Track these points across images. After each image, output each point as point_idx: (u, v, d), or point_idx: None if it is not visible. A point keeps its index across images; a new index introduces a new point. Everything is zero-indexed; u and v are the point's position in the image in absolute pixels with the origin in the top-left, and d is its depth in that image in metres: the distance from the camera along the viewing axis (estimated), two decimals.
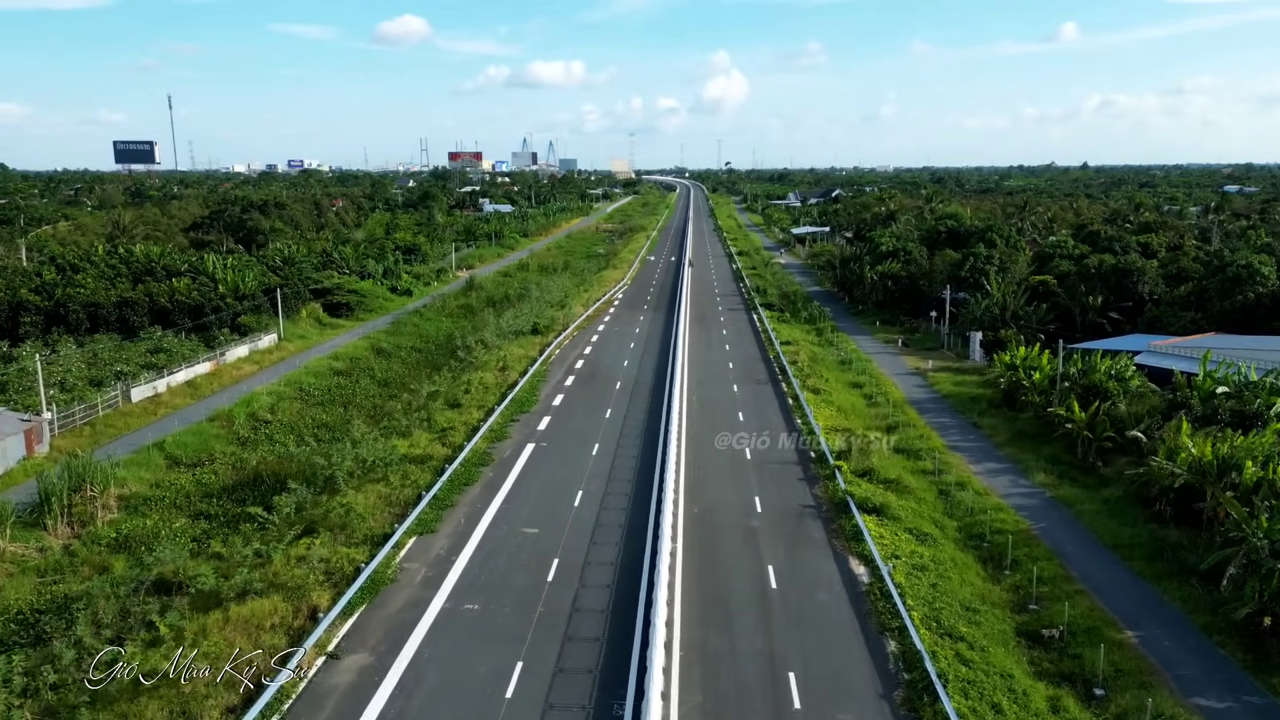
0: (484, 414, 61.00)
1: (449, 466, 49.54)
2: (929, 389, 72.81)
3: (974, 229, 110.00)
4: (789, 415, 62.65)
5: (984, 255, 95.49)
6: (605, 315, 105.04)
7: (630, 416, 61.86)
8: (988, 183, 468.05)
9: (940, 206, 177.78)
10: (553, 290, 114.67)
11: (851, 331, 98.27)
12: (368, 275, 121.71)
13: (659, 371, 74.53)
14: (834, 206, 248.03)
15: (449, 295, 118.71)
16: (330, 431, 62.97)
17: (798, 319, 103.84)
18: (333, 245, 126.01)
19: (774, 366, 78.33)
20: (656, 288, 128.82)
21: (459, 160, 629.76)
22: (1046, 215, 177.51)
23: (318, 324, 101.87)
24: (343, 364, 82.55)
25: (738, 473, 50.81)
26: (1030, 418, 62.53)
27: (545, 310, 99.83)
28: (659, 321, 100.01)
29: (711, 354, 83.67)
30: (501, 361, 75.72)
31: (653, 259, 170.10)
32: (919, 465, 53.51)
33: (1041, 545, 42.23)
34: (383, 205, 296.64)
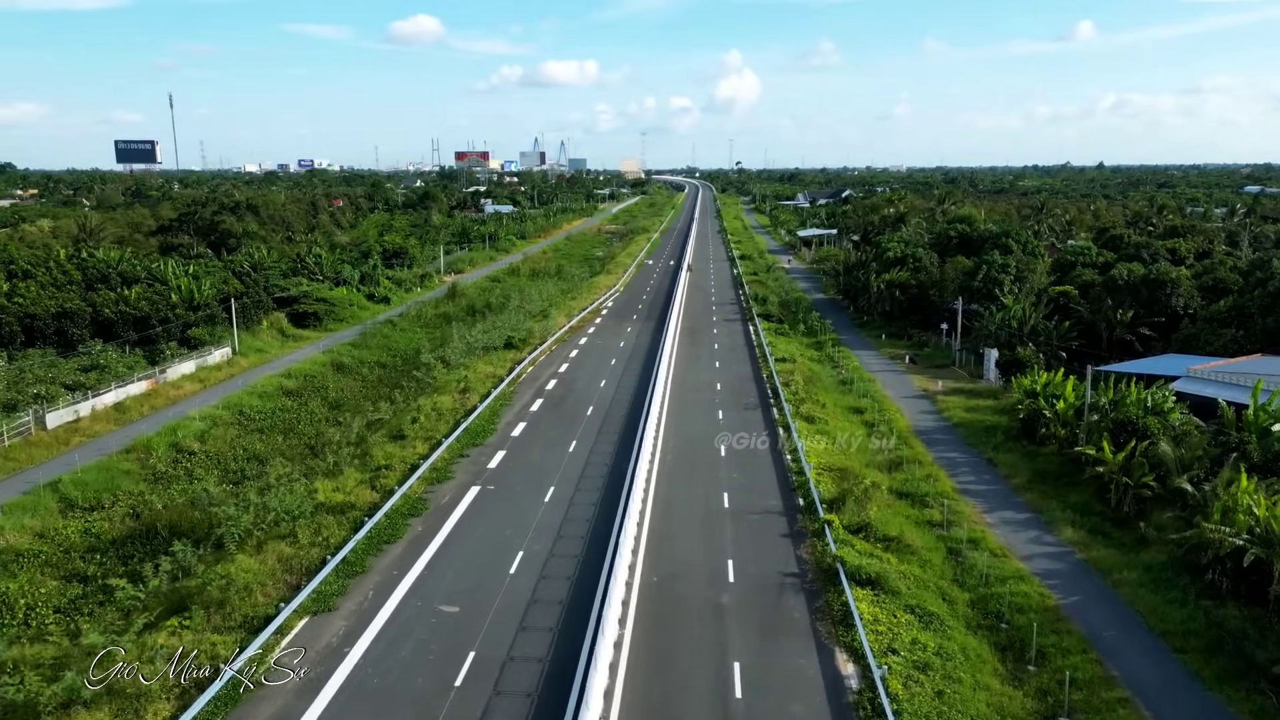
0: (430, 448, 53.66)
1: (372, 518, 42.20)
2: (938, 416, 65.11)
3: (988, 234, 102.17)
4: (777, 450, 55.05)
5: (999, 263, 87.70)
6: (589, 327, 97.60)
7: (597, 451, 54.36)
8: (1002, 183, 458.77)
9: (953, 208, 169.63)
10: (535, 299, 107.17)
11: (855, 345, 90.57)
12: (343, 281, 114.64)
13: (638, 395, 67.06)
14: (843, 208, 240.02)
15: (428, 303, 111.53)
16: (262, 465, 55.84)
17: (797, 331, 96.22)
18: (308, 250, 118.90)
19: (766, 389, 70.76)
20: (650, 295, 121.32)
21: (466, 160, 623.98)
22: (1065, 218, 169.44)
23: (280, 336, 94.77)
24: (295, 382, 75.35)
25: (711, 526, 43.29)
26: (1053, 454, 54.82)
27: (524, 322, 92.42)
28: (647, 334, 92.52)
29: (699, 373, 76.14)
30: (464, 382, 68.35)
31: (650, 263, 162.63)
32: (924, 515, 45.89)
33: (1073, 630, 34.57)
34: (382, 206, 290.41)
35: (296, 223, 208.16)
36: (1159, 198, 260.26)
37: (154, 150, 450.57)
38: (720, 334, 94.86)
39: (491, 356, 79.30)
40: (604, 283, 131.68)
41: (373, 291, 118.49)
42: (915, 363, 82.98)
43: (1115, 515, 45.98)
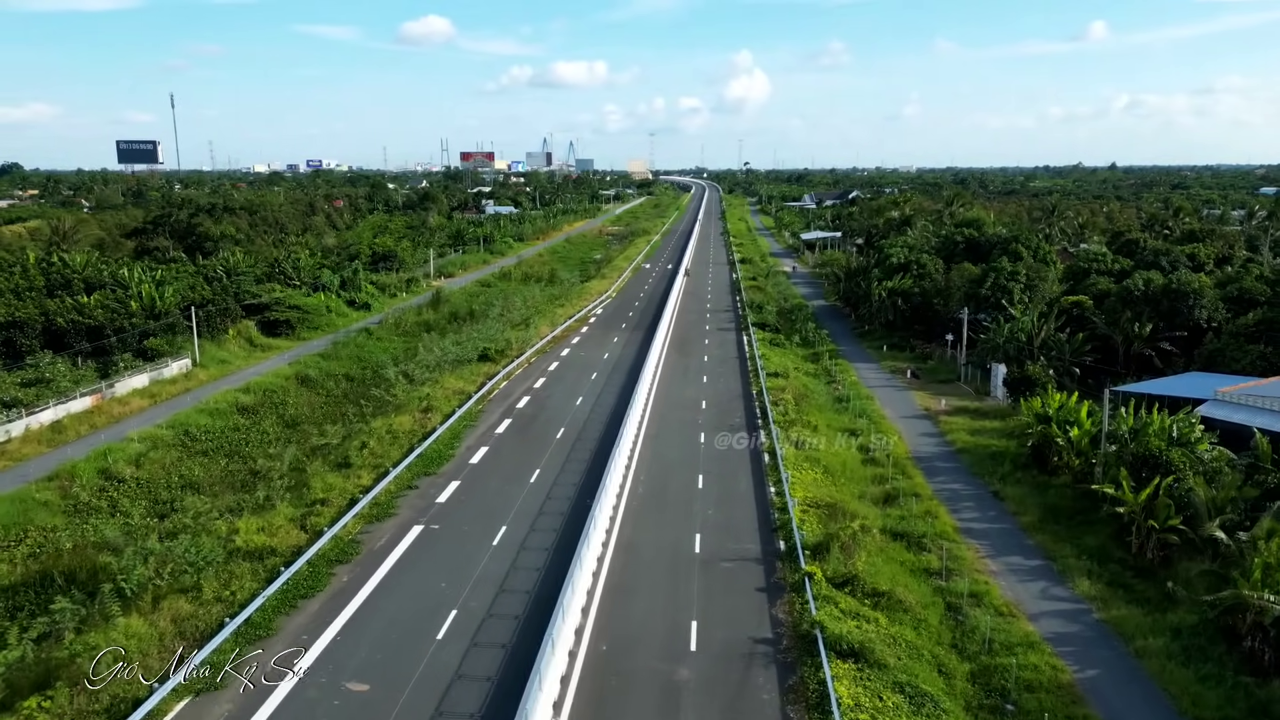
0: (376, 478, 48.65)
1: (291, 567, 37.19)
2: (940, 439, 59.81)
3: (996, 239, 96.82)
4: (761, 481, 49.88)
5: (1008, 271, 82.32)
6: (574, 337, 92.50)
7: (561, 482, 49.26)
8: (1013, 183, 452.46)
9: (961, 210, 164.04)
10: (519, 307, 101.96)
11: (854, 358, 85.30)
12: (321, 287, 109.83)
13: (615, 414, 61.89)
14: (849, 209, 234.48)
15: (410, 310, 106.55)
16: (197, 494, 50.93)
17: (793, 342, 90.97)
18: (287, 254, 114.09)
19: (755, 407, 65.59)
20: (643, 302, 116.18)
21: (471, 160, 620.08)
22: (1077, 220, 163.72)
23: (248, 345, 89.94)
24: (252, 398, 70.39)
25: (678, 576, 38.17)
26: (1066, 486, 49.55)
27: (503, 332, 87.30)
28: (634, 345, 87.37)
29: (685, 389, 70.99)
30: (426, 400, 63.31)
31: (648, 267, 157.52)
32: (921, 561, 40.69)
33: (1091, 716, 29.36)
34: (382, 207, 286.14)
35: (291, 224, 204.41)
36: (1174, 199, 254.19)
37: (155, 150, 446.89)
38: (712, 344, 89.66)
39: (464, 370, 74.28)
40: (596, 288, 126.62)
41: (353, 297, 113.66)
42: (917, 378, 77.70)
43: (1137, 563, 40.72)
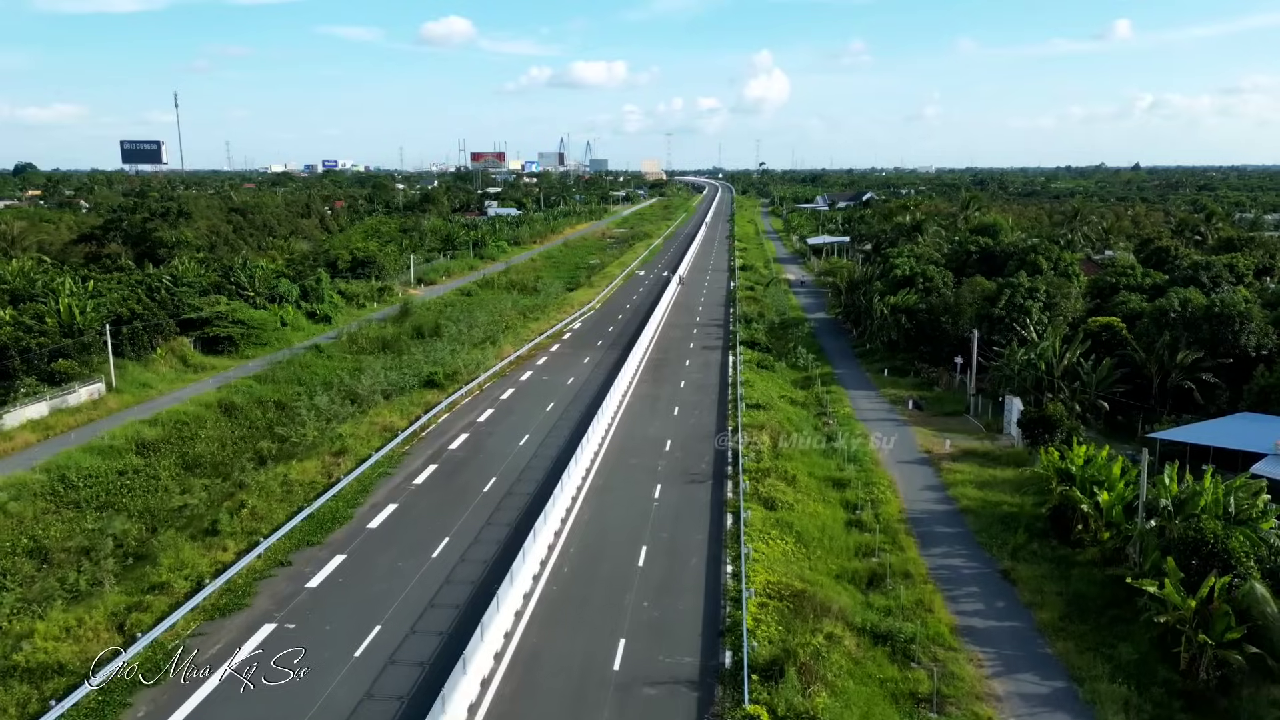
0: (246, 548, 39.83)
1: (63, 702, 28.31)
2: (942, 493, 50.39)
3: (1013, 249, 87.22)
4: (717, 556, 40.68)
5: (1026, 287, 72.72)
6: (541, 357, 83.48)
7: (470, 558, 40.23)
8: (1033, 184, 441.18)
9: (977, 215, 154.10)
10: (481, 323, 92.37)
11: (850, 383, 75.90)
12: (278, 298, 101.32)
13: (562, 459, 52.68)
14: (861, 212, 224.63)
15: (372, 324, 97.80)
16: (44, 562, 42.24)
17: (785, 363, 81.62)
18: (241, 263, 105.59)
19: (728, 448, 56.40)
20: (627, 315, 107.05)
21: (482, 160, 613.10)
22: (1101, 225, 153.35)
23: (182, 365, 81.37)
24: (158, 432, 61.64)
25: (581, 711, 29.05)
26: (1093, 565, 40.20)
27: (459, 353, 78.09)
28: (606, 367, 78.23)
29: (650, 425, 61.83)
30: (341, 442, 54.34)
31: (642, 273, 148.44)
32: (906, 681, 31.43)
33: None
34: (383, 208, 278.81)
35: (280, 228, 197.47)
36: (1203, 201, 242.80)
37: (160, 151, 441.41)
38: (693, 366, 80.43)
39: (402, 400, 65.33)
40: (579, 298, 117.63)
41: (315, 309, 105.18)
42: (920, 409, 68.26)
43: (1188, 686, 31.32)
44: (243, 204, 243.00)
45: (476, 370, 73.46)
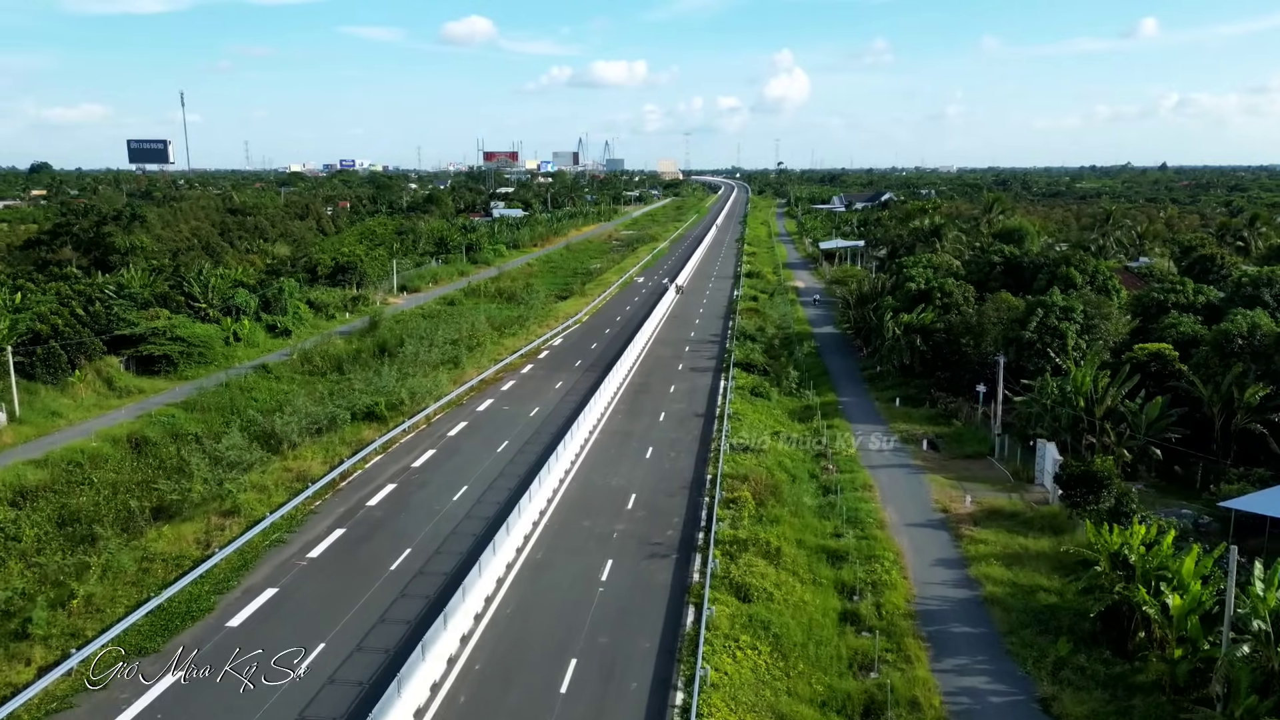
0: (55, 661, 30.76)
1: None
2: (962, 571, 40.71)
3: (1043, 260, 77.24)
4: (667, 675, 31.25)
5: (1060, 306, 62.81)
6: (508, 380, 74.20)
7: (343, 677, 30.89)
8: (1058, 185, 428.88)
9: (1001, 218, 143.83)
10: (439, 344, 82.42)
11: (857, 414, 66.24)
12: (232, 310, 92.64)
13: (498, 521, 43.34)
14: (879, 214, 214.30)
15: (333, 340, 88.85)
16: None
17: (783, 389, 72.03)
18: (195, 271, 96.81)
19: (702, 505, 46.98)
20: (615, 329, 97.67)
21: (495, 160, 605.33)
22: (1135, 230, 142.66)
23: (107, 389, 72.73)
24: (44, 475, 52.66)
25: None
26: (1160, 690, 30.52)
27: (409, 377, 68.74)
28: (579, 394, 68.86)
29: (615, 472, 52.38)
30: (234, 499, 45.16)
31: (640, 280, 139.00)
32: None
33: None
34: (386, 209, 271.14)
35: (273, 229, 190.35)
36: (1239, 203, 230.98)
37: (166, 150, 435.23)
38: (678, 394, 70.94)
39: (332, 437, 56.22)
40: (567, 309, 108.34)
41: (276, 322, 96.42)
42: (936, 449, 58.56)
43: None
44: (242, 205, 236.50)
45: (426, 400, 64.20)
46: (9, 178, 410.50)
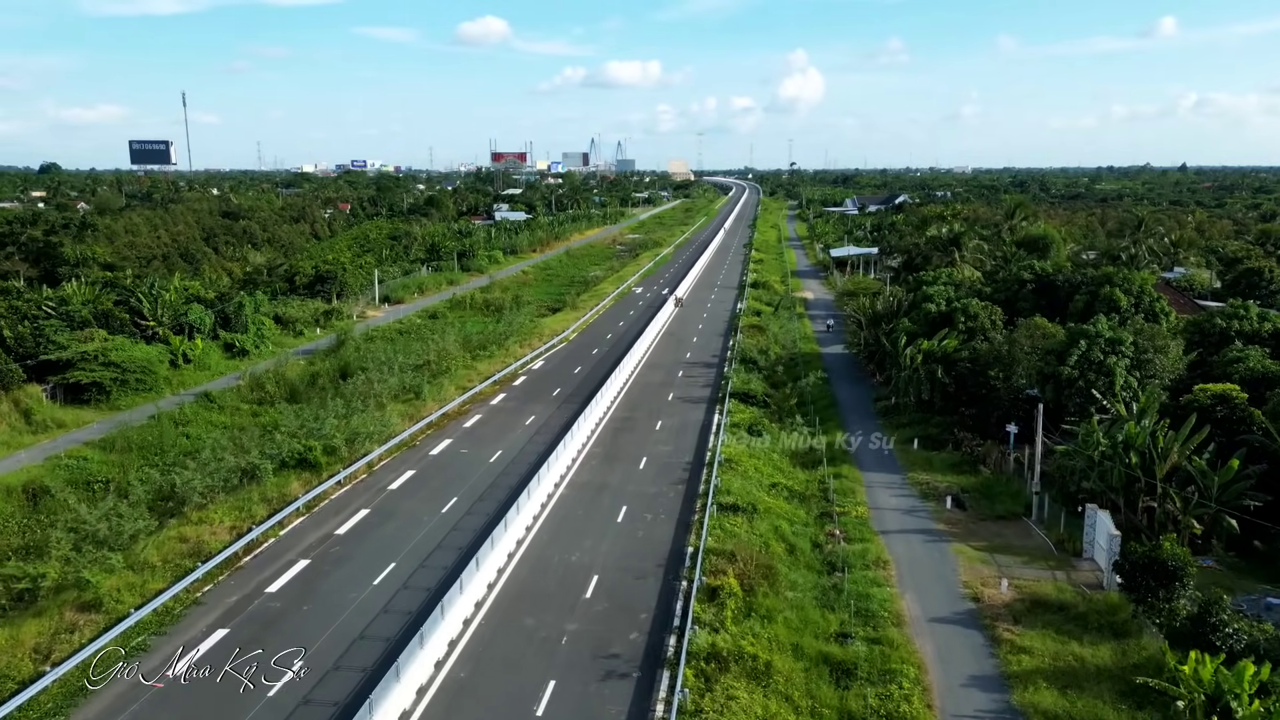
0: None
1: None
2: (1002, 696, 31.88)
3: (1079, 279, 68.26)
4: None
5: (1106, 337, 53.91)
6: (474, 414, 65.69)
7: None
8: (1076, 186, 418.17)
9: (1024, 225, 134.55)
10: (396, 372, 73.54)
11: (869, 460, 57.43)
12: (184, 328, 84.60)
13: (425, 613, 34.88)
14: (893, 218, 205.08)
15: (290, 362, 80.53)
16: None
17: (786, 425, 63.33)
18: (147, 286, 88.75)
19: (678, 588, 38.42)
20: (604, 349, 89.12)
21: (503, 161, 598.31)
22: (1168, 238, 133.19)
23: (24, 423, 64.74)
24: None
25: None
26: None
27: (356, 415, 60.14)
28: (552, 431, 60.34)
29: (580, 540, 43.81)
30: (94, 590, 36.69)
31: (638, 291, 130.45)
32: None
33: None
34: (386, 211, 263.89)
35: (258, 234, 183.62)
36: (1270, 207, 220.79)
37: (168, 151, 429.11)
38: (665, 431, 62.30)
39: (251, 491, 47.78)
40: (553, 325, 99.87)
41: (234, 340, 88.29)
42: (963, 507, 49.80)
43: None
44: (238, 208, 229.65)
45: (369, 443, 55.69)
46: (14, 178, 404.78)
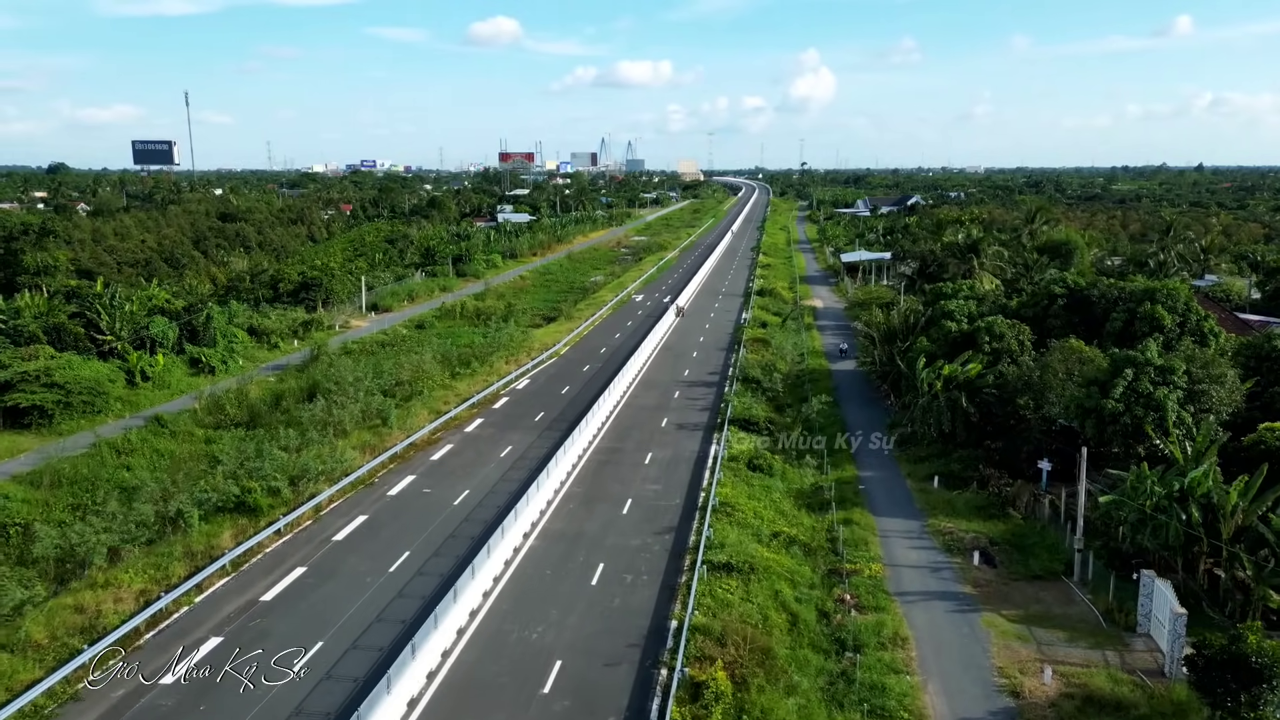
0: None
1: None
2: None
3: (1116, 293, 61.58)
4: None
5: (1156, 365, 47.30)
6: (445, 443, 59.34)
7: None
8: (1092, 186, 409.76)
9: (1045, 230, 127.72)
10: (357, 397, 67.05)
11: (883, 501, 50.93)
12: (146, 343, 78.74)
13: (350, 708, 28.65)
14: (906, 219, 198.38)
15: (252, 382, 74.40)
16: None
17: (791, 460, 56.87)
18: (108, 297, 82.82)
19: (656, 677, 32.09)
20: (595, 366, 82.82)
21: (510, 161, 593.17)
22: (1199, 244, 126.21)
23: None
24: None
25: None
26: None
27: (308, 449, 53.89)
28: (529, 465, 54.09)
29: (546, 610, 37.47)
30: None
31: (639, 299, 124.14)
32: None
33: None
34: (387, 213, 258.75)
35: (251, 237, 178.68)
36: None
37: (171, 151, 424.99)
38: (655, 465, 55.86)
39: (171, 545, 41.58)
40: (544, 338, 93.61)
41: (200, 355, 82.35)
42: (992, 564, 43.30)
43: None
44: (235, 209, 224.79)
45: (317, 483, 49.42)
46: (21, 178, 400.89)
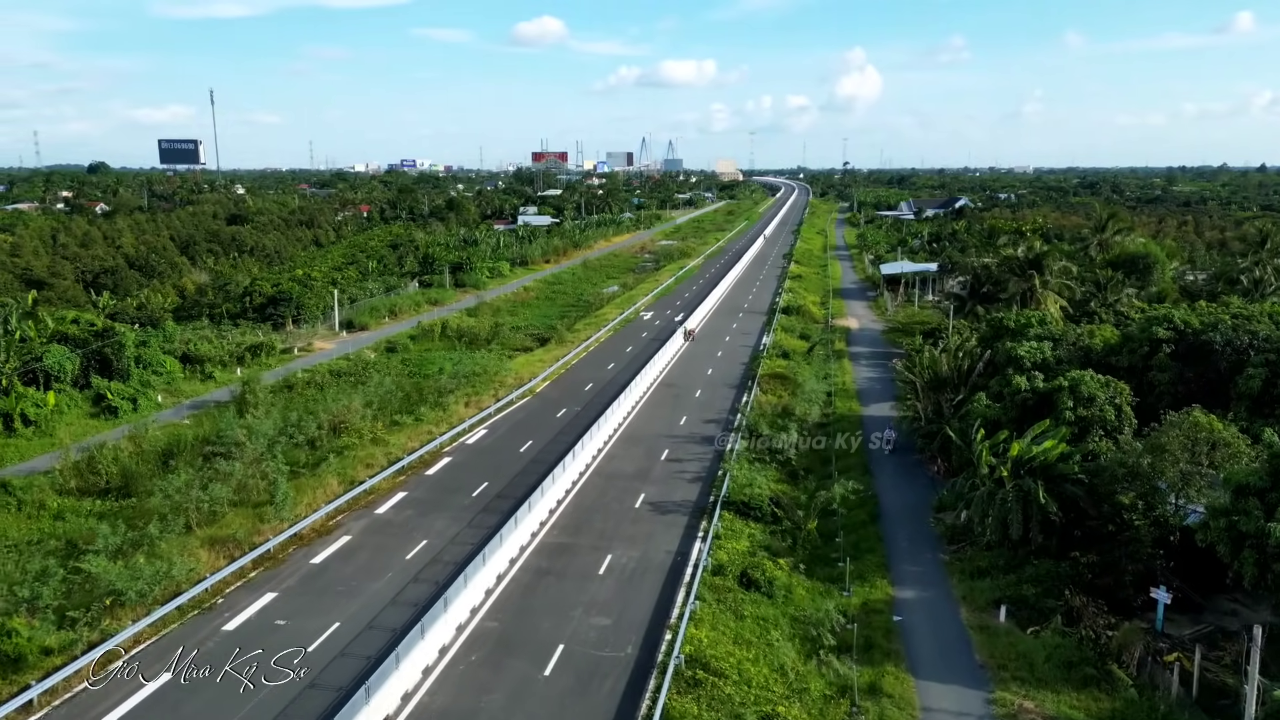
0: None
1: None
2: None
3: (1250, 337, 45.62)
4: None
5: None
6: (342, 533, 44.75)
7: None
8: (1151, 188, 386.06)
9: (1118, 240, 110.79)
10: (290, 439, 53.24)
11: (927, 651, 35.56)
12: (40, 377, 65.67)
13: None
14: (953, 225, 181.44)
15: (148, 428, 60.77)
16: None
17: (799, 568, 41.78)
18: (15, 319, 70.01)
19: None
20: (574, 409, 67.94)
21: (543, 161, 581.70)
22: None
23: None
24: None
25: None
26: None
27: (143, 551, 39.76)
28: (442, 569, 39.54)
29: None
30: None
31: (648, 316, 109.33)
32: None
33: None
34: (405, 215, 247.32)
35: (249, 241, 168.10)
36: None
37: (196, 150, 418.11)
38: (609, 579, 40.87)
39: None
40: (523, 369, 78.98)
41: (106, 391, 69.05)
42: None
43: None
44: (246, 210, 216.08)
45: (124, 614, 35.06)
46: (62, 177, 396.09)
